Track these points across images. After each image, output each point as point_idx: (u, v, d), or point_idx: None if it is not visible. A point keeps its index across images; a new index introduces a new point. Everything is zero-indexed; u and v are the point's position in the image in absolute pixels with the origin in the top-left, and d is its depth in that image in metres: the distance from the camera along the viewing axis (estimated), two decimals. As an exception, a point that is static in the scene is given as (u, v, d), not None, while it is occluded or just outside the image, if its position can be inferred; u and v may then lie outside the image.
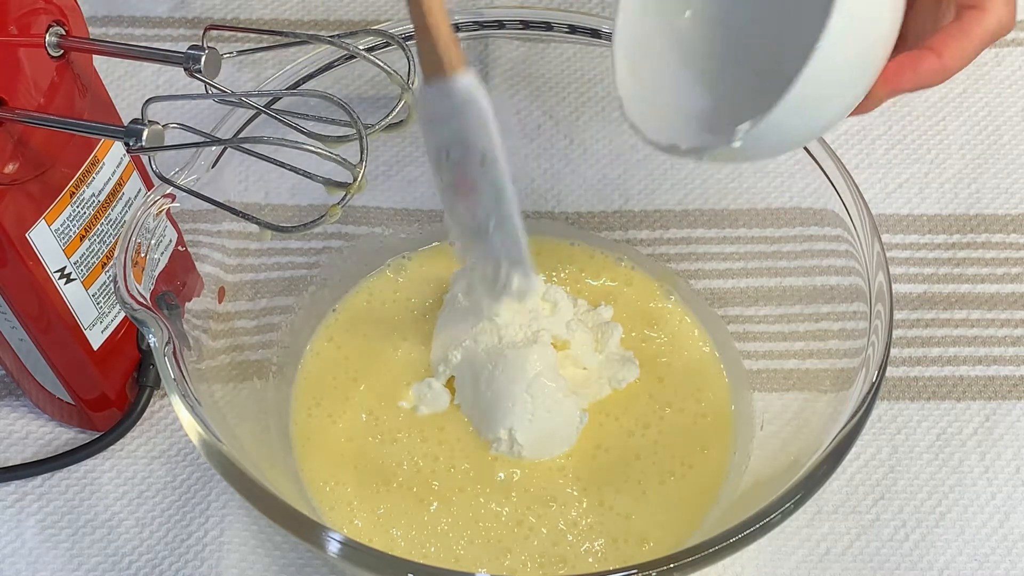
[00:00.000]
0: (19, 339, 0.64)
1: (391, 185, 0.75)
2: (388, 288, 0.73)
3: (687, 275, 0.73)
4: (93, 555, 0.66)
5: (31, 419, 0.71)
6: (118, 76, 0.83)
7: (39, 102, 0.56)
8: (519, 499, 0.65)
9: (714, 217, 0.73)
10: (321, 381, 0.70)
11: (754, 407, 0.68)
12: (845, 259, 0.64)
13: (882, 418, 0.71)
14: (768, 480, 0.61)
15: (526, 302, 0.66)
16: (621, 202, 0.75)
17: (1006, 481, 0.69)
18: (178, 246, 0.65)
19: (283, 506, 0.54)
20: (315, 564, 0.66)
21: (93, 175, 0.61)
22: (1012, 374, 0.72)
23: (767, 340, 0.70)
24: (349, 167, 0.53)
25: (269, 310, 0.70)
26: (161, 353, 0.57)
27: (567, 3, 0.87)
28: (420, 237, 0.75)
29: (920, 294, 0.75)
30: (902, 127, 0.82)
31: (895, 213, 0.78)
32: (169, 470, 0.69)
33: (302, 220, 0.56)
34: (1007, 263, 0.76)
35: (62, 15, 0.57)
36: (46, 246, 0.60)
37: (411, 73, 0.55)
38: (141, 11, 0.87)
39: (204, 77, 0.56)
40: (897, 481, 0.69)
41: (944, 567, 0.66)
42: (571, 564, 0.63)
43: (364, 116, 0.54)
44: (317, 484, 0.66)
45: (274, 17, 0.87)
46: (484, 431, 0.67)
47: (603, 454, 0.67)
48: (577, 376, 0.68)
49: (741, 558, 0.66)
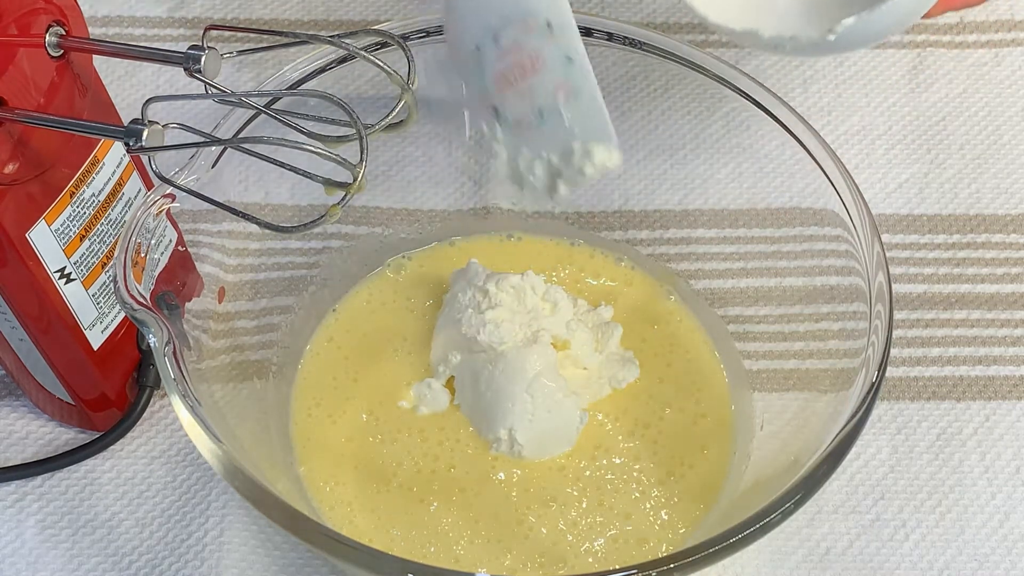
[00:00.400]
0: (19, 339, 0.64)
1: (391, 185, 0.75)
2: (388, 288, 0.73)
3: (687, 275, 0.73)
4: (93, 555, 0.66)
5: (31, 419, 0.71)
6: (118, 76, 0.83)
7: (39, 102, 0.56)
8: (519, 499, 0.65)
9: (714, 217, 0.73)
10: (321, 381, 0.69)
11: (754, 407, 0.68)
12: (845, 259, 0.64)
13: (882, 418, 0.71)
14: (768, 480, 0.61)
15: (610, 170, 0.59)
16: (621, 202, 0.75)
17: (1006, 481, 0.69)
18: (178, 246, 0.65)
19: (283, 506, 0.54)
20: (315, 564, 0.66)
21: (93, 175, 0.61)
22: (1012, 374, 0.72)
23: (767, 340, 0.70)
24: (349, 167, 0.53)
25: (269, 310, 0.70)
26: (161, 353, 0.57)
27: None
28: (420, 237, 0.75)
29: (920, 294, 0.75)
30: (902, 127, 0.82)
31: (895, 213, 0.78)
32: (169, 470, 0.69)
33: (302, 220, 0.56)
34: (1007, 263, 0.76)
35: (62, 15, 0.57)
36: (46, 246, 0.60)
37: (411, 73, 0.55)
38: (141, 11, 0.86)
39: (204, 77, 0.56)
40: (897, 481, 0.69)
41: (944, 567, 0.66)
42: (571, 564, 0.63)
43: (364, 116, 0.53)
44: (317, 484, 0.66)
45: (274, 17, 0.87)
46: (484, 431, 0.67)
47: (603, 454, 0.67)
48: (577, 376, 0.68)
49: (741, 558, 0.66)
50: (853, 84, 0.84)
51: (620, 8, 0.88)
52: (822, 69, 0.84)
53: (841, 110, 0.83)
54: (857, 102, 0.83)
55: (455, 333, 0.68)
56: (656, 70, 0.70)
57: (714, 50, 0.84)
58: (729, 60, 0.68)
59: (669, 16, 0.87)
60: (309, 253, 0.72)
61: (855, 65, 0.84)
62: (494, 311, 0.67)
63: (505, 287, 0.68)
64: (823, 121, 0.82)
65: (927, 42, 0.86)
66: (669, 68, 0.68)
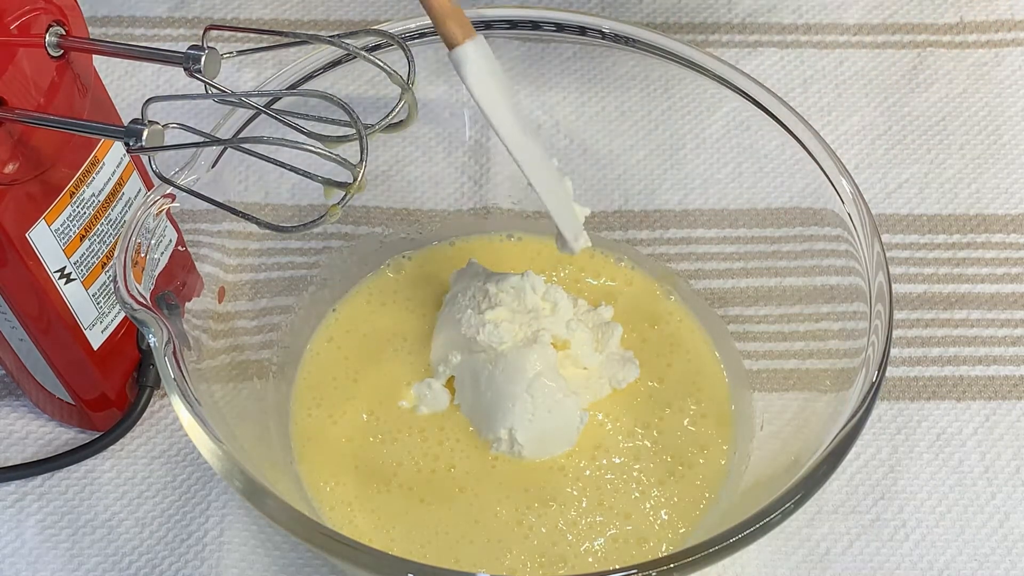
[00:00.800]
0: (19, 339, 0.64)
1: (391, 185, 0.75)
2: (388, 288, 0.73)
3: (687, 275, 0.73)
4: (93, 555, 0.66)
5: (31, 419, 0.71)
6: (118, 76, 0.83)
7: (39, 102, 0.56)
8: (519, 499, 0.65)
9: (714, 217, 0.73)
10: (321, 381, 0.69)
11: (754, 407, 0.68)
12: (845, 259, 0.64)
13: (882, 418, 0.71)
14: (768, 480, 0.61)
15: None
16: (621, 202, 0.75)
17: (1006, 481, 0.69)
18: (178, 246, 0.65)
19: (283, 506, 0.54)
20: (315, 564, 0.66)
21: (93, 175, 0.61)
22: (1012, 374, 0.72)
23: (767, 340, 0.70)
24: (349, 167, 0.53)
25: (269, 310, 0.70)
26: (161, 353, 0.57)
27: (567, 3, 0.87)
28: (420, 237, 0.75)
29: (920, 294, 0.75)
30: (902, 127, 0.82)
31: (895, 213, 0.78)
32: (169, 470, 0.69)
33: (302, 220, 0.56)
34: (1007, 263, 0.76)
35: (62, 15, 0.57)
36: (46, 246, 0.60)
37: (411, 73, 0.55)
38: (141, 11, 0.87)
39: (204, 77, 0.56)
40: (897, 481, 0.69)
41: (944, 567, 0.66)
42: (571, 564, 0.63)
43: (364, 116, 0.53)
44: (317, 484, 0.66)
45: (274, 17, 0.87)
46: (484, 431, 0.67)
47: (603, 454, 0.67)
48: (577, 376, 0.68)
49: (741, 558, 0.66)
50: (853, 84, 0.84)
51: (620, 8, 0.88)
52: (822, 69, 0.84)
53: (841, 110, 0.83)
54: (857, 102, 0.83)
55: (455, 333, 0.68)
56: (656, 70, 0.70)
57: (714, 50, 0.84)
58: (729, 60, 0.68)
59: (669, 16, 0.87)
60: (309, 253, 0.72)
61: (855, 65, 0.85)
62: (494, 311, 0.67)
63: (505, 287, 0.68)
64: (823, 121, 0.82)
65: (927, 42, 0.86)
66: (669, 68, 0.68)
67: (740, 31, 0.86)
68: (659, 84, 0.73)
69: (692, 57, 0.67)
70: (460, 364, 0.68)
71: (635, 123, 0.75)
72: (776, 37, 0.86)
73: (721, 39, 0.86)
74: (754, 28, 0.86)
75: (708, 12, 0.87)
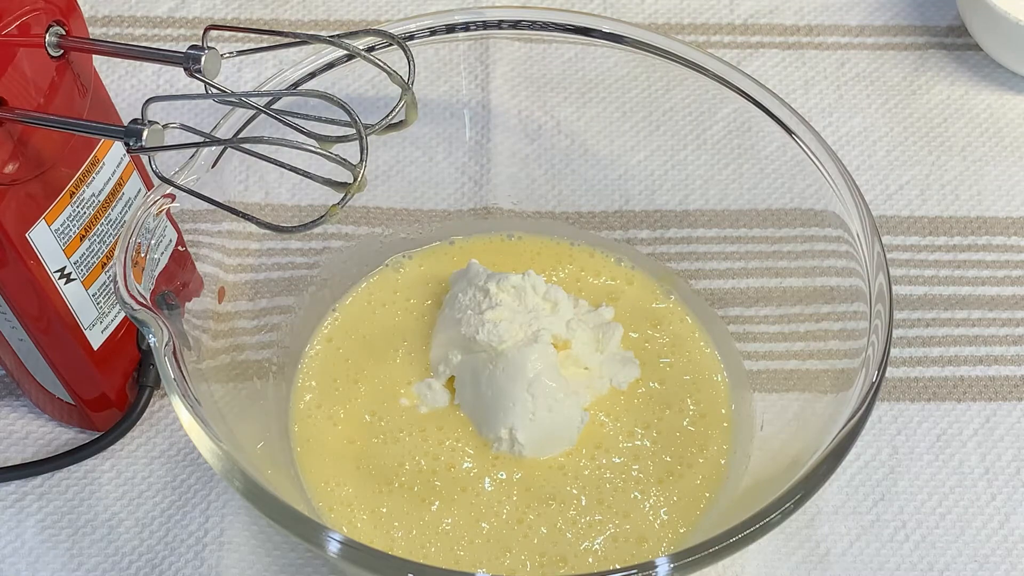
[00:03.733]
0: (19, 339, 0.64)
1: (391, 185, 0.75)
2: (388, 288, 0.73)
3: (687, 275, 0.73)
4: (93, 555, 0.66)
5: (31, 419, 0.71)
6: (118, 76, 0.83)
7: (39, 102, 0.56)
8: (519, 498, 0.65)
9: (714, 217, 0.73)
10: (321, 381, 0.69)
11: (754, 407, 0.68)
12: (845, 260, 0.64)
13: (882, 418, 0.71)
14: (768, 480, 0.61)
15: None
16: (621, 202, 0.75)
17: (1006, 482, 0.69)
18: (178, 246, 0.65)
19: (283, 506, 0.54)
20: (315, 564, 0.66)
21: (93, 175, 0.61)
22: (1012, 374, 0.72)
23: (767, 340, 0.70)
24: (349, 167, 0.53)
25: (269, 310, 0.70)
26: (161, 353, 0.57)
27: (567, 3, 0.87)
28: (420, 237, 0.75)
29: (921, 296, 0.75)
30: (903, 129, 0.82)
31: (896, 215, 0.78)
32: (169, 470, 0.69)
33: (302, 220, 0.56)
34: (1008, 265, 0.76)
35: (62, 15, 0.57)
36: (46, 246, 0.60)
37: (411, 73, 0.55)
38: (141, 11, 0.87)
39: (204, 77, 0.56)
40: (897, 482, 0.69)
41: (944, 568, 0.66)
42: (571, 563, 0.63)
43: (364, 116, 0.53)
44: (317, 484, 0.66)
45: (274, 17, 0.87)
46: (485, 430, 0.67)
47: (603, 454, 0.67)
48: (578, 376, 0.68)
49: (741, 558, 0.66)
50: (854, 86, 0.84)
51: (622, 9, 0.88)
52: (824, 70, 0.84)
53: (842, 111, 0.83)
54: (859, 104, 0.83)
55: (455, 333, 0.68)
56: (658, 71, 0.70)
57: (716, 51, 0.84)
58: (731, 61, 0.68)
59: (671, 17, 0.87)
60: (309, 253, 0.72)
61: (857, 66, 0.85)
62: (494, 311, 0.67)
63: (505, 287, 0.68)
64: (824, 122, 0.82)
65: (928, 44, 0.86)
66: (671, 69, 0.68)
67: (742, 32, 0.86)
68: (660, 85, 0.73)
69: (693, 58, 0.67)
70: (460, 364, 0.68)
71: (636, 123, 0.75)
72: (778, 38, 0.86)
73: (723, 40, 0.86)
74: (755, 29, 0.86)
75: (710, 13, 0.87)
